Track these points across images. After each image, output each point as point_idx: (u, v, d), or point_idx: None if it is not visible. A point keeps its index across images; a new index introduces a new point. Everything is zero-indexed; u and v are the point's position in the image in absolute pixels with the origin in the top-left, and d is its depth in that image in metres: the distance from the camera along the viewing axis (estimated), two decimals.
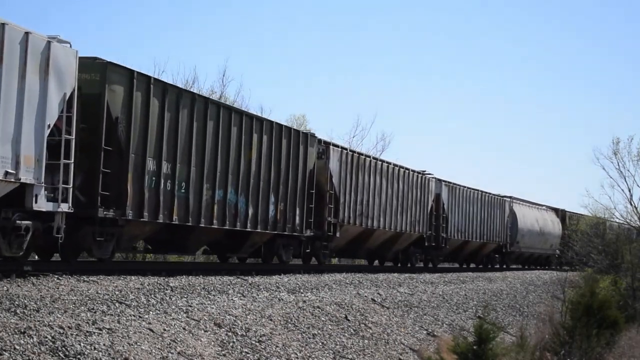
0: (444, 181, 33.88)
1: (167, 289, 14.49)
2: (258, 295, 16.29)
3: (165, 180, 16.80)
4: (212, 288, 15.68)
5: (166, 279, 15.52)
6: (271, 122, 21.39)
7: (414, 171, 30.91)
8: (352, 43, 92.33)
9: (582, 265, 45.24)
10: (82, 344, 10.19)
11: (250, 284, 17.23)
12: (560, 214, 51.49)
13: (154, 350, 11.13)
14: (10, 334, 9.77)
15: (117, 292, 13.21)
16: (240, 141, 19.53)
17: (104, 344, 10.48)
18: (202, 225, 18.16)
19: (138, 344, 11.05)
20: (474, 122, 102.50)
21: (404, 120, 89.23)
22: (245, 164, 19.81)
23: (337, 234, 24.75)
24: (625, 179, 42.86)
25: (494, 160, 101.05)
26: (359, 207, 26.08)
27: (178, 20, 77.11)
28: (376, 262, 31.75)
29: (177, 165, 17.13)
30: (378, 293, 21.24)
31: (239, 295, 15.78)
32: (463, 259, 39.91)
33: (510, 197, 42.85)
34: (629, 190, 42.94)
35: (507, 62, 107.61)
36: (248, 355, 12.83)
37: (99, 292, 12.96)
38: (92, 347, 10.25)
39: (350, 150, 26.58)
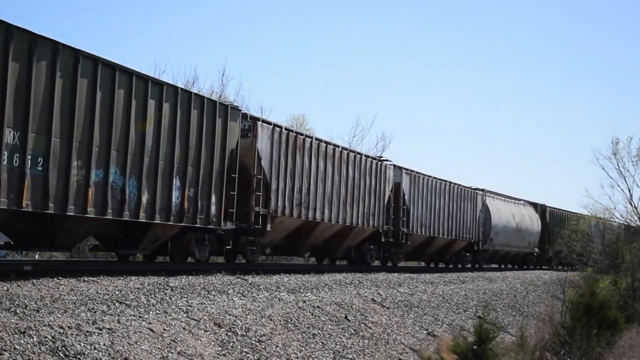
0: (405, 169, 30.48)
1: (167, 289, 14.49)
2: (258, 295, 16.30)
3: (11, 153, 12.91)
4: (212, 288, 15.69)
5: (166, 279, 15.52)
6: (175, 87, 17.34)
7: (367, 156, 27.58)
8: (352, 43, 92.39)
9: (575, 266, 45.80)
10: (82, 344, 10.20)
11: (250, 284, 17.23)
12: (540, 209, 48.27)
13: (154, 350, 11.13)
14: (10, 334, 9.77)
15: (117, 292, 13.22)
16: (129, 109, 15.57)
17: (104, 344, 10.48)
18: (72, 213, 14.30)
19: (138, 344, 11.06)
20: (473, 123, 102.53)
21: (404, 120, 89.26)
22: (137, 138, 15.86)
23: (268, 227, 21.27)
24: (625, 179, 42.92)
25: (493, 160, 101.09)
26: (296, 196, 22.47)
27: (178, 20, 77.14)
28: (326, 261, 28.48)
29: (30, 134, 13.23)
30: (378, 293, 21.24)
31: (239, 295, 15.79)
32: (429, 257, 35.98)
33: (482, 190, 39.23)
34: (629, 190, 42.99)
35: (507, 63, 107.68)
36: (248, 355, 12.83)
37: (99, 292, 12.97)
38: (92, 347, 10.25)
39: (286, 129, 22.75)
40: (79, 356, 9.92)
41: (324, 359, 14.54)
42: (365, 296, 20.22)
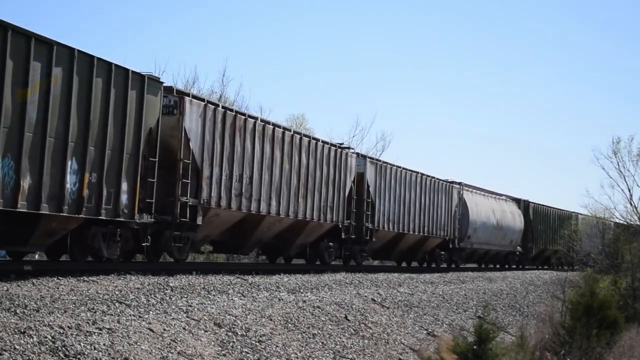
0: (370, 158, 27.98)
1: (167, 289, 14.49)
2: (258, 295, 16.29)
3: None
4: (212, 288, 15.68)
5: (166, 279, 15.52)
6: (71, 48, 13.99)
7: (325, 143, 24.56)
8: (352, 43, 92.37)
9: (562, 266, 45.83)
10: (82, 344, 10.19)
11: (250, 284, 17.23)
12: (523, 205, 45.33)
13: (154, 350, 11.13)
14: (10, 334, 9.77)
15: (117, 292, 13.22)
16: (2, 72, 12.53)
17: (104, 344, 10.48)
18: None
19: (138, 344, 11.05)
20: (473, 123, 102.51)
21: (403, 120, 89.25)
22: (15, 108, 12.81)
23: (199, 221, 18.28)
24: (625, 178, 42.98)
25: (493, 160, 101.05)
26: (235, 185, 19.53)
27: (178, 20, 77.13)
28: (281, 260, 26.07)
29: None
30: (378, 293, 21.24)
31: (239, 295, 15.79)
32: (399, 256, 32.67)
33: (459, 183, 36.17)
34: (629, 190, 43.04)
35: (507, 63, 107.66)
36: (248, 355, 12.83)
37: (99, 292, 12.96)
38: (92, 347, 10.25)
39: (224, 107, 19.67)
40: (79, 356, 9.91)
41: (324, 359, 14.54)
42: (365, 296, 20.22)
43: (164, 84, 17.04)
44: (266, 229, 21.82)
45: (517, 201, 44.78)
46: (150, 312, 12.60)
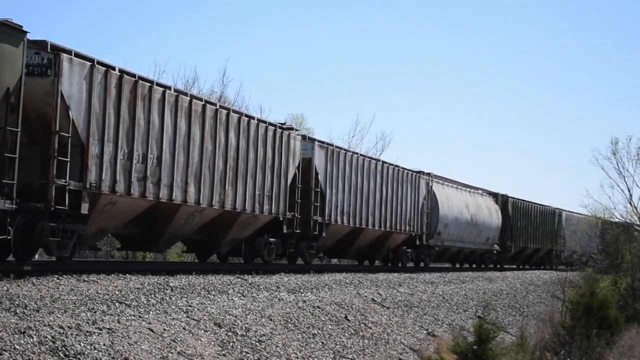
0: (320, 141, 24.12)
1: (167, 289, 14.49)
2: (258, 295, 16.29)
3: None
4: (212, 288, 15.68)
5: (166, 279, 15.52)
6: None
7: (262, 121, 21.14)
8: (351, 43, 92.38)
9: (544, 266, 45.44)
10: (82, 344, 10.19)
11: (250, 284, 17.23)
12: (501, 200, 41.63)
13: (154, 350, 11.13)
14: (10, 334, 9.77)
15: (117, 292, 13.21)
16: None
17: (104, 344, 10.48)
18: None
19: (138, 344, 11.05)
20: (473, 123, 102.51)
21: (403, 119, 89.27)
22: None
23: (84, 209, 14.68)
24: (624, 179, 42.93)
25: (492, 160, 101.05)
26: (138, 167, 15.98)
27: (178, 20, 77.15)
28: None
29: None
30: (378, 293, 21.24)
31: (239, 295, 15.79)
32: (357, 253, 29.08)
33: (428, 174, 32.49)
34: (629, 190, 43.00)
35: (507, 64, 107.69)
36: (248, 355, 12.83)
37: (99, 292, 12.96)
38: (92, 347, 10.25)
39: (122, 70, 15.83)
40: (79, 356, 9.91)
41: (324, 359, 14.54)
42: (365, 296, 20.22)
43: (29, 35, 13.37)
44: (183, 221, 18.21)
45: (495, 195, 41.45)
46: (150, 312, 12.60)
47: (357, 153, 27.01)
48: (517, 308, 29.20)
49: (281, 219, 21.69)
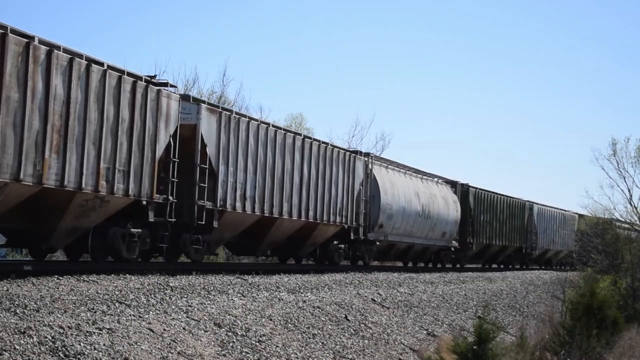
0: (210, 105, 18.96)
1: (167, 289, 14.49)
2: (258, 295, 16.29)
3: None
4: (212, 288, 15.68)
5: (166, 279, 15.52)
6: None
7: (114, 69, 15.32)
8: (352, 43, 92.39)
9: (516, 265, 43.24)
10: (82, 344, 10.19)
11: (250, 284, 17.23)
12: (460, 189, 36.15)
13: (154, 350, 11.13)
14: (10, 334, 9.77)
15: (117, 292, 13.21)
16: None
17: (104, 344, 10.48)
18: None
19: (138, 344, 11.05)
20: (473, 123, 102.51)
21: (403, 119, 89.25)
22: None
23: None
24: (624, 179, 42.96)
25: (493, 160, 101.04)
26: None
27: (179, 20, 77.14)
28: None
29: None
30: (378, 293, 21.24)
31: (239, 295, 15.79)
32: (270, 248, 23.66)
33: (367, 155, 27.83)
34: (629, 191, 43.04)
35: (506, 64, 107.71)
36: (248, 355, 12.83)
37: (99, 292, 12.96)
38: (92, 347, 10.25)
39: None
40: (79, 356, 9.91)
41: (324, 359, 14.54)
42: (365, 296, 20.22)
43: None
44: None
45: (453, 184, 35.92)
46: (150, 312, 12.60)
47: (267, 123, 21.43)
48: (517, 308, 29.20)
49: (145, 202, 16.45)
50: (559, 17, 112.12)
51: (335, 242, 25.61)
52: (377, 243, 28.18)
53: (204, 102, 18.92)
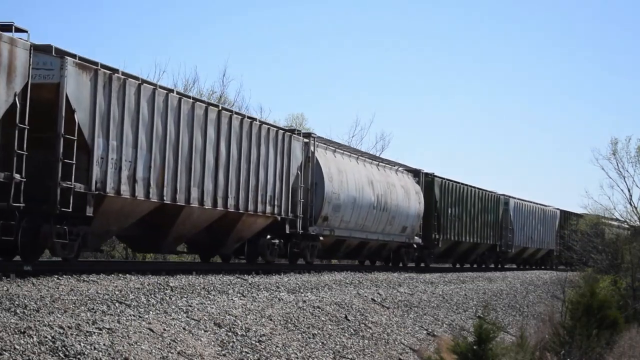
0: (83, 60, 14.83)
1: (167, 289, 14.49)
2: (258, 295, 16.29)
3: None
4: (212, 288, 15.68)
5: (166, 279, 15.52)
6: None
7: None
8: (352, 43, 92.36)
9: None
10: (82, 344, 10.19)
11: (250, 284, 17.23)
12: (424, 179, 32.04)
13: (154, 350, 11.13)
14: (10, 334, 9.77)
15: (117, 292, 13.22)
16: None
17: (104, 344, 10.48)
18: None
19: (138, 344, 11.05)
20: (474, 123, 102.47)
21: (402, 119, 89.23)
22: None
23: None
24: (624, 179, 42.95)
25: (492, 160, 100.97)
26: None
27: (179, 20, 77.12)
28: None
29: None
30: (378, 293, 21.24)
31: (239, 295, 15.79)
32: (178, 243, 19.60)
33: (308, 135, 24.03)
34: (629, 191, 43.02)
35: (507, 64, 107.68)
36: (248, 355, 12.83)
37: (99, 292, 12.97)
38: (92, 347, 10.25)
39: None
40: (79, 356, 9.91)
41: (324, 359, 14.54)
42: (365, 296, 20.22)
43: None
44: None
45: (416, 173, 31.77)
46: (150, 312, 12.60)
47: (169, 89, 17.37)
48: (517, 308, 29.21)
49: None
50: (558, 17, 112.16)
51: (268, 236, 21.58)
52: (321, 238, 24.28)
53: (73, 55, 14.63)
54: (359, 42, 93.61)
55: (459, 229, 34.53)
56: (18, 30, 13.50)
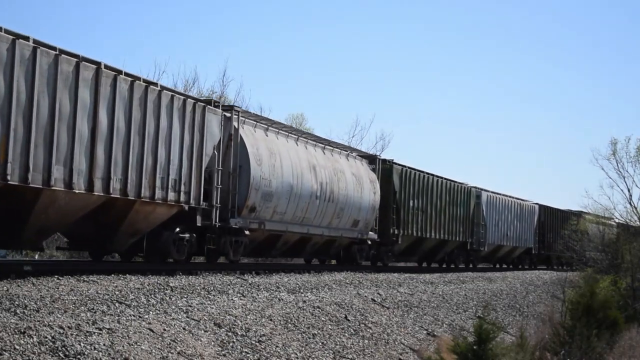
0: None
1: (167, 289, 14.49)
2: (258, 295, 16.29)
3: None
4: (212, 288, 15.68)
5: (166, 279, 15.52)
6: None
7: None
8: (352, 43, 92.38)
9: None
10: (82, 344, 10.20)
11: (250, 284, 17.23)
12: (381, 166, 28.08)
13: (154, 350, 11.13)
14: (10, 334, 9.77)
15: (117, 292, 13.22)
16: None
17: (104, 344, 10.48)
18: None
19: (138, 344, 11.06)
20: (473, 123, 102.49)
21: (402, 119, 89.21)
22: None
23: None
24: (624, 179, 42.98)
25: (493, 160, 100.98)
26: None
27: (178, 20, 77.11)
28: None
29: None
30: (378, 293, 21.24)
31: (239, 295, 15.79)
32: (43, 236, 15.19)
33: (229, 107, 19.96)
34: (629, 191, 43.05)
35: (507, 63, 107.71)
36: (248, 355, 12.83)
37: (99, 292, 12.97)
38: (92, 347, 10.25)
39: None
40: (79, 356, 9.91)
41: (324, 359, 14.54)
42: (365, 296, 20.22)
43: None
44: None
45: (371, 159, 28.24)
46: (150, 312, 12.60)
47: (27, 38, 13.29)
48: (517, 308, 29.20)
49: None
50: (559, 16, 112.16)
51: (176, 229, 17.92)
52: (248, 233, 20.35)
53: None
54: (359, 42, 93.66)
55: (423, 224, 30.78)
56: None
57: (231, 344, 12.88)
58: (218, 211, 18.85)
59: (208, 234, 18.97)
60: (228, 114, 19.61)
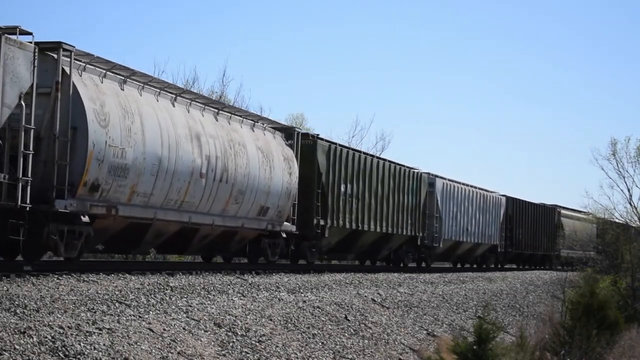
0: None
1: (167, 289, 14.49)
2: (258, 295, 16.29)
3: None
4: (212, 288, 15.68)
5: (166, 279, 15.52)
6: None
7: None
8: (352, 43, 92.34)
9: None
10: (82, 344, 10.19)
11: (250, 284, 17.23)
12: (300, 142, 22.88)
13: (154, 350, 11.13)
14: (10, 334, 9.77)
15: (117, 292, 13.21)
16: None
17: (104, 344, 10.48)
18: None
19: (138, 344, 11.05)
20: (473, 123, 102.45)
21: (402, 119, 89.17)
22: None
23: None
24: (624, 179, 43.01)
25: (493, 160, 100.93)
26: None
27: (178, 20, 77.08)
28: None
29: None
30: (378, 293, 21.24)
31: (239, 295, 15.78)
32: None
33: (57, 45, 14.28)
34: (629, 191, 43.08)
35: (507, 63, 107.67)
36: (248, 355, 12.83)
37: (99, 292, 12.96)
38: (92, 347, 10.25)
39: None
40: (79, 356, 9.91)
41: (324, 359, 14.54)
42: (365, 296, 20.21)
43: None
44: None
45: (287, 132, 22.86)
46: (150, 312, 12.60)
47: None
48: (517, 308, 29.21)
49: None
50: (559, 16, 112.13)
51: None
52: (86, 219, 15.02)
53: None
54: (359, 42, 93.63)
55: (359, 214, 25.58)
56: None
57: (231, 344, 12.88)
58: (30, 188, 13.53)
59: (11, 219, 13.45)
60: (53, 54, 14.32)
